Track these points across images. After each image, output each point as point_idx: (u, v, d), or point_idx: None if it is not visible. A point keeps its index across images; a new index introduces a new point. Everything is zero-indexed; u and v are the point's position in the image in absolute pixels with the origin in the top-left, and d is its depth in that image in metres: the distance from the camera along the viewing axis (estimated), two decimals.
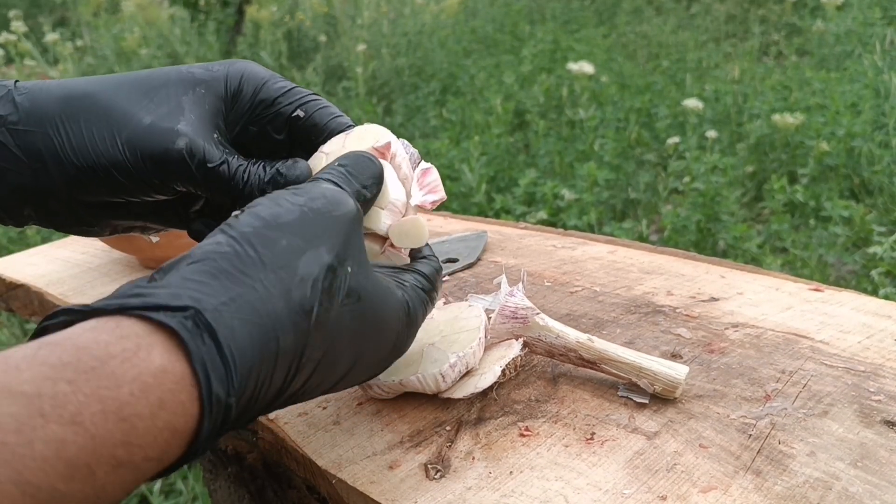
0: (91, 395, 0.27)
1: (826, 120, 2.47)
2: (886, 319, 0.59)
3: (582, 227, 2.15)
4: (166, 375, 0.29)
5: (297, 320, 0.34)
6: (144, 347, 0.30)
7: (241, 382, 0.32)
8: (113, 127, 0.44)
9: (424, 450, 0.47)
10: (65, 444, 0.26)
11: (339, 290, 0.37)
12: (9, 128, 0.44)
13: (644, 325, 0.60)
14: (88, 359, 0.28)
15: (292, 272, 0.35)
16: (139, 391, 0.28)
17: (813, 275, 1.86)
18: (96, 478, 0.27)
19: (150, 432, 0.29)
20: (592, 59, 3.41)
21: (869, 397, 0.48)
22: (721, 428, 0.46)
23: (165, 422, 0.29)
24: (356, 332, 0.38)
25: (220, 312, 0.32)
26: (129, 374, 0.28)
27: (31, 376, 0.26)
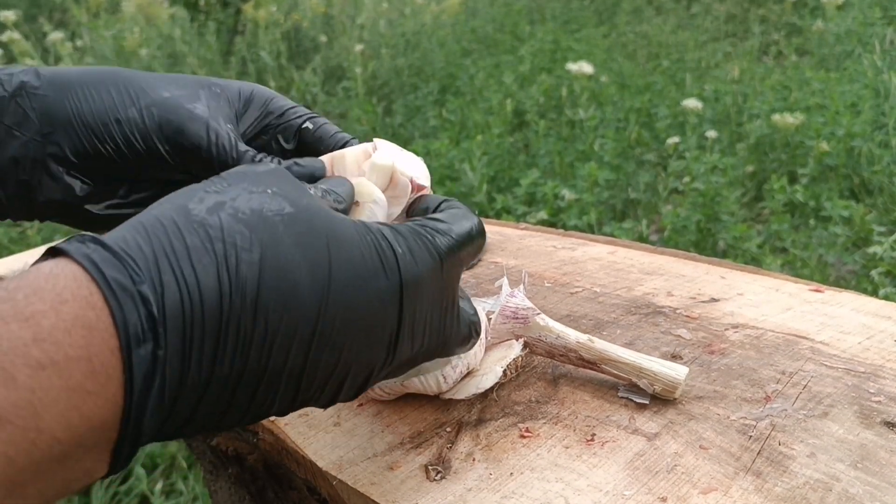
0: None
1: (826, 120, 2.47)
2: (886, 320, 0.59)
3: (582, 228, 2.15)
4: (58, 278, 0.29)
5: (200, 225, 0.32)
6: (36, 266, 0.30)
7: (148, 273, 0.29)
8: (132, 93, 0.47)
9: (425, 451, 0.47)
10: None
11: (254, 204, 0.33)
12: (28, 90, 0.46)
13: (644, 325, 0.60)
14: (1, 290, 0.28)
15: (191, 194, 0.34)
16: (33, 293, 0.28)
17: (813, 275, 1.86)
18: (18, 382, 0.26)
19: (59, 327, 0.27)
20: (592, 58, 3.41)
21: (869, 398, 0.48)
22: (721, 429, 0.46)
23: (72, 315, 0.28)
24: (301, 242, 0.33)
25: (110, 234, 0.31)
26: (22, 285, 0.28)
27: None
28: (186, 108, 0.48)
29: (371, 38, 4.03)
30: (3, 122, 0.45)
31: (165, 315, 0.29)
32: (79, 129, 0.46)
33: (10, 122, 0.45)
